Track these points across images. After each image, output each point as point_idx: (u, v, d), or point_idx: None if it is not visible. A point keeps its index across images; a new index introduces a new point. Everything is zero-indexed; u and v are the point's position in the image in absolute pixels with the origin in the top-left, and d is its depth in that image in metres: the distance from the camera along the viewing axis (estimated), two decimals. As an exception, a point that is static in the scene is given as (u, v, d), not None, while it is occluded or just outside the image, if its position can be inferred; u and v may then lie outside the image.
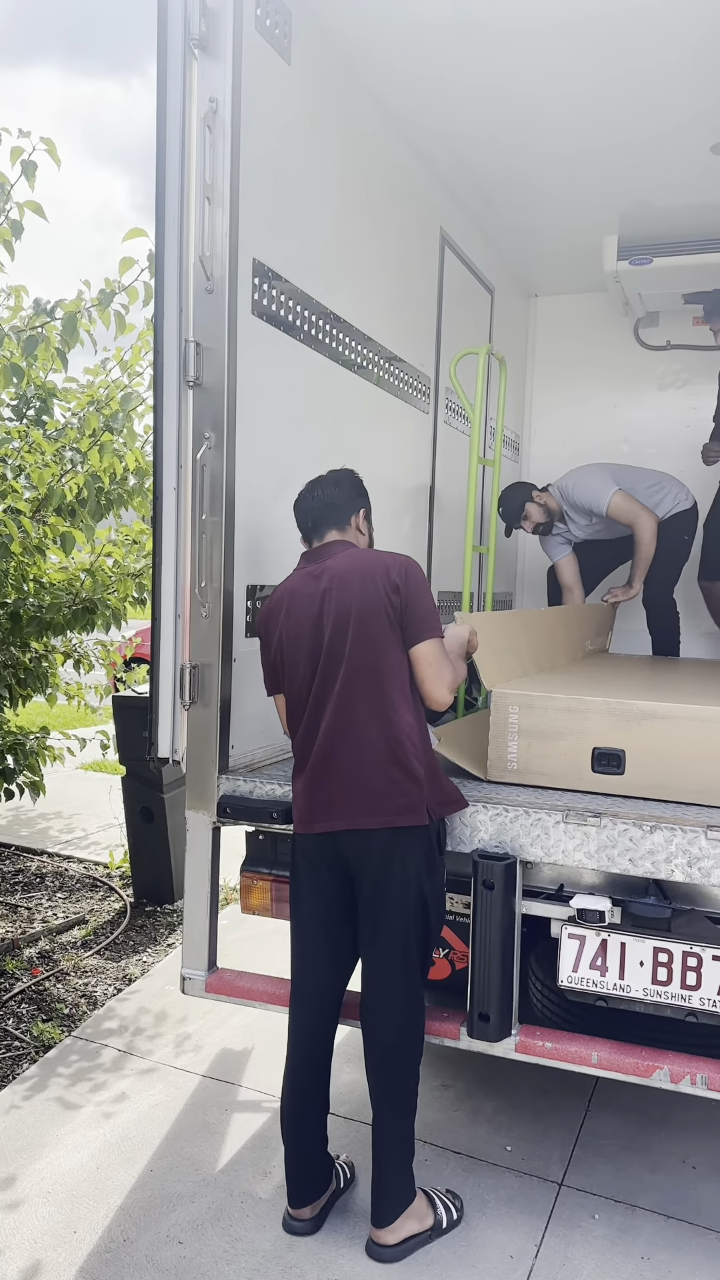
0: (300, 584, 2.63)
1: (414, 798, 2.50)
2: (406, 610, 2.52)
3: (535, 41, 3.33)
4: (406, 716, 2.53)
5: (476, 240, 5.02)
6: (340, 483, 2.77)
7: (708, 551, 5.14)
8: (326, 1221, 2.72)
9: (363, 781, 2.50)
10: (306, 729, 2.59)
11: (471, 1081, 3.50)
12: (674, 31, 3.24)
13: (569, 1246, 2.68)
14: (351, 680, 2.51)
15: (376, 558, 2.59)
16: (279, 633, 2.63)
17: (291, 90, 3.13)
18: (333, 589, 2.55)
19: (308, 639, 2.57)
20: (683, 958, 2.52)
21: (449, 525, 4.75)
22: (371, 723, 2.51)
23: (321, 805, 2.54)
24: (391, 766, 2.49)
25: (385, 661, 2.51)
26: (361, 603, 2.51)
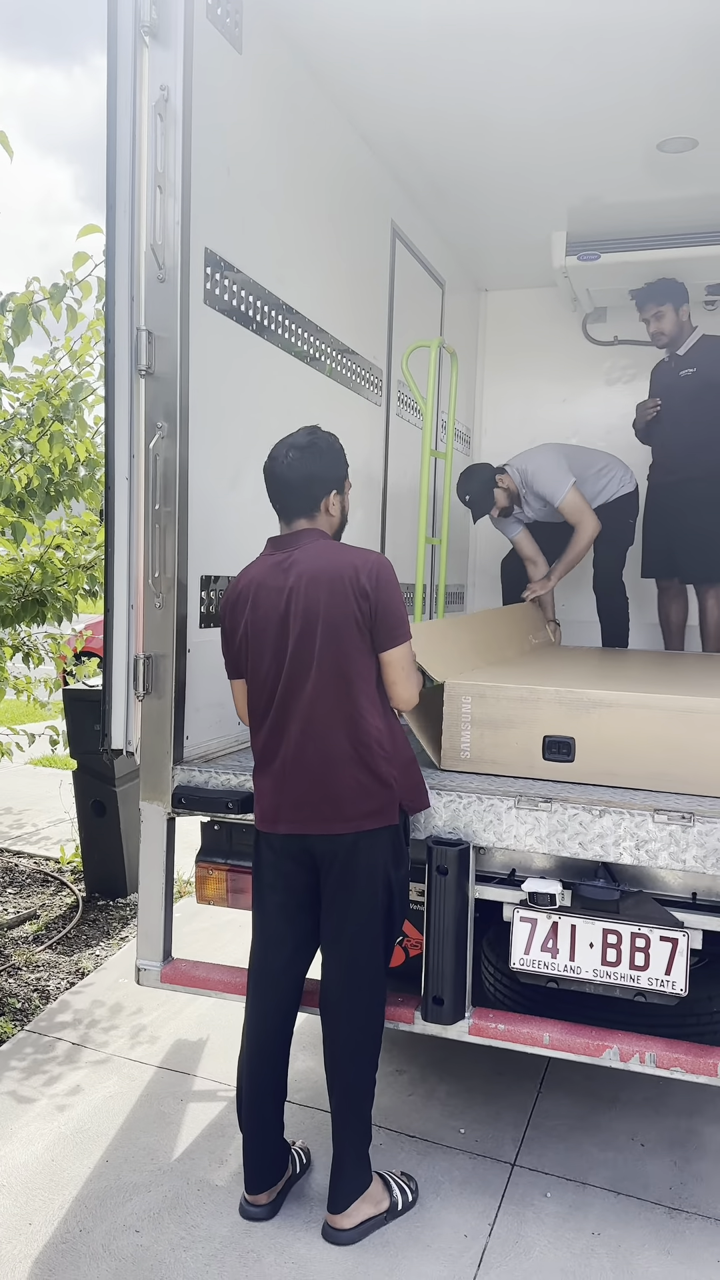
0: (267, 574, 2.56)
1: (383, 800, 2.52)
2: (377, 617, 2.49)
3: (486, 40, 3.36)
4: (375, 720, 2.54)
5: (427, 234, 5.05)
6: (315, 461, 2.60)
7: (650, 548, 5.24)
8: (283, 1207, 2.74)
9: (332, 789, 2.50)
10: (272, 728, 2.57)
11: (426, 1066, 3.54)
12: (619, 33, 3.29)
13: (522, 1224, 2.73)
14: (320, 685, 2.49)
15: (346, 558, 2.52)
16: (244, 625, 2.58)
17: (243, 79, 3.13)
18: (300, 588, 2.49)
19: (272, 636, 2.53)
20: (631, 939, 2.57)
21: (401, 517, 4.78)
22: (340, 728, 2.50)
23: (289, 808, 2.54)
24: (361, 772, 2.50)
25: (354, 667, 2.50)
26: (330, 607, 2.46)
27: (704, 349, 4.95)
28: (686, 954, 2.53)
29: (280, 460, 2.61)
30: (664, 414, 5.09)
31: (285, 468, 2.60)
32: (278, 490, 2.63)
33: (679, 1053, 2.53)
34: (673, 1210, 2.80)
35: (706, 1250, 2.64)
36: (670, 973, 2.54)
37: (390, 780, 2.53)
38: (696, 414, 4.93)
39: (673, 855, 2.51)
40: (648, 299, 4.96)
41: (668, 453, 5.10)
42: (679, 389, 5.00)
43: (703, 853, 2.49)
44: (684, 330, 4.99)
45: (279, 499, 2.64)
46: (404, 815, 2.61)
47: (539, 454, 5.04)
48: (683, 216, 4.76)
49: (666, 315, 4.93)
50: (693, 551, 5.01)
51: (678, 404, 5.01)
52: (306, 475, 2.59)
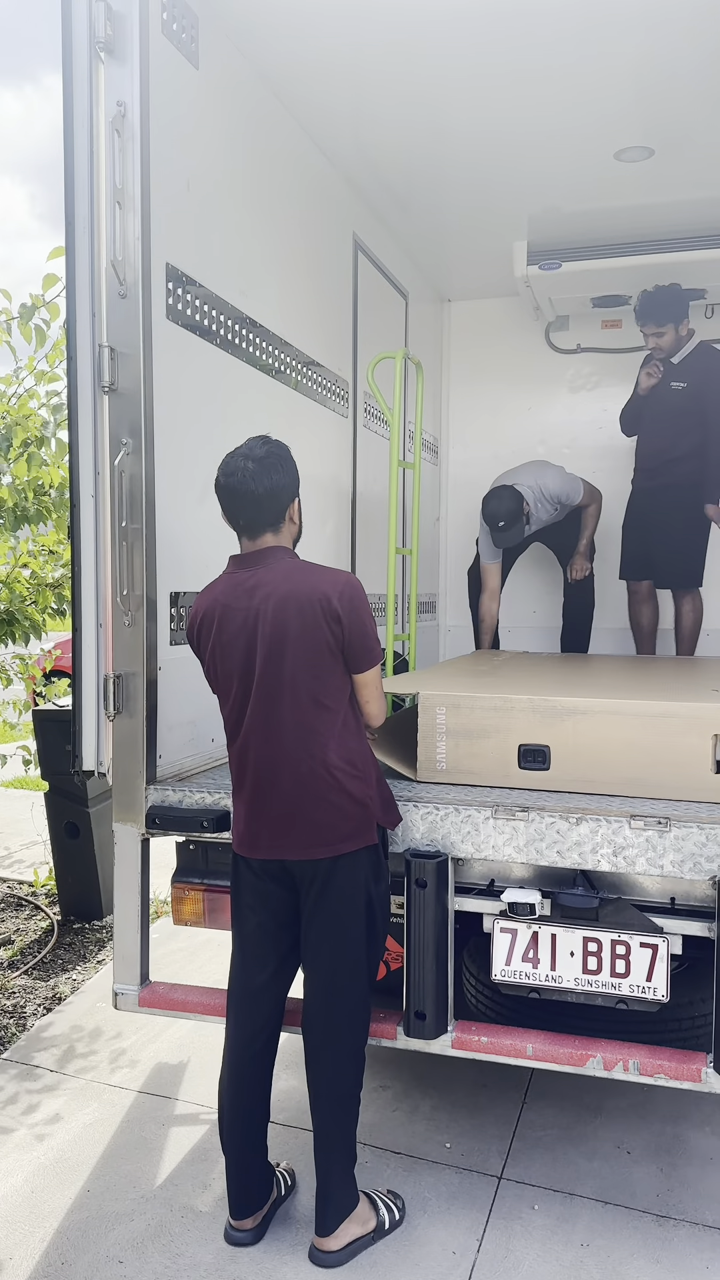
0: (231, 596, 2.50)
1: (359, 822, 2.50)
2: (349, 641, 2.46)
3: (445, 52, 3.38)
4: (349, 740, 2.51)
5: (389, 245, 5.06)
6: (278, 471, 2.52)
7: (629, 551, 5.30)
8: (269, 1230, 2.70)
9: (308, 813, 2.47)
10: (241, 752, 2.53)
11: (409, 1081, 3.51)
12: (578, 43, 3.31)
13: (510, 1239, 2.70)
14: (290, 710, 2.45)
15: (315, 580, 2.45)
16: (210, 647, 2.53)
17: (201, 95, 3.12)
18: (267, 611, 2.43)
19: (239, 661, 2.48)
20: (611, 946, 2.57)
21: (371, 528, 4.78)
22: (314, 751, 2.46)
23: (266, 833, 2.51)
24: (338, 795, 2.47)
25: (326, 690, 2.47)
26: (301, 632, 2.42)
27: (698, 360, 4.98)
28: (667, 960, 2.52)
29: (239, 474, 2.49)
30: (650, 420, 5.14)
31: (248, 481, 2.48)
32: (241, 506, 2.51)
33: (662, 1059, 2.52)
34: (661, 1218, 2.79)
35: (695, 1257, 2.63)
36: (651, 979, 2.54)
37: (367, 800, 2.51)
38: (681, 427, 4.99)
39: (650, 861, 2.51)
40: (649, 317, 4.95)
41: (650, 459, 5.16)
42: (669, 399, 5.03)
43: (680, 857, 2.49)
44: (682, 342, 5.02)
45: (243, 515, 2.52)
46: (382, 832, 2.59)
47: (537, 469, 5.16)
48: (641, 225, 4.81)
49: (667, 334, 4.96)
50: (669, 557, 5.09)
51: (665, 413, 5.06)
52: (271, 487, 2.50)
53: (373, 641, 2.52)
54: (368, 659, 2.51)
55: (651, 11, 3.15)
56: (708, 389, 4.91)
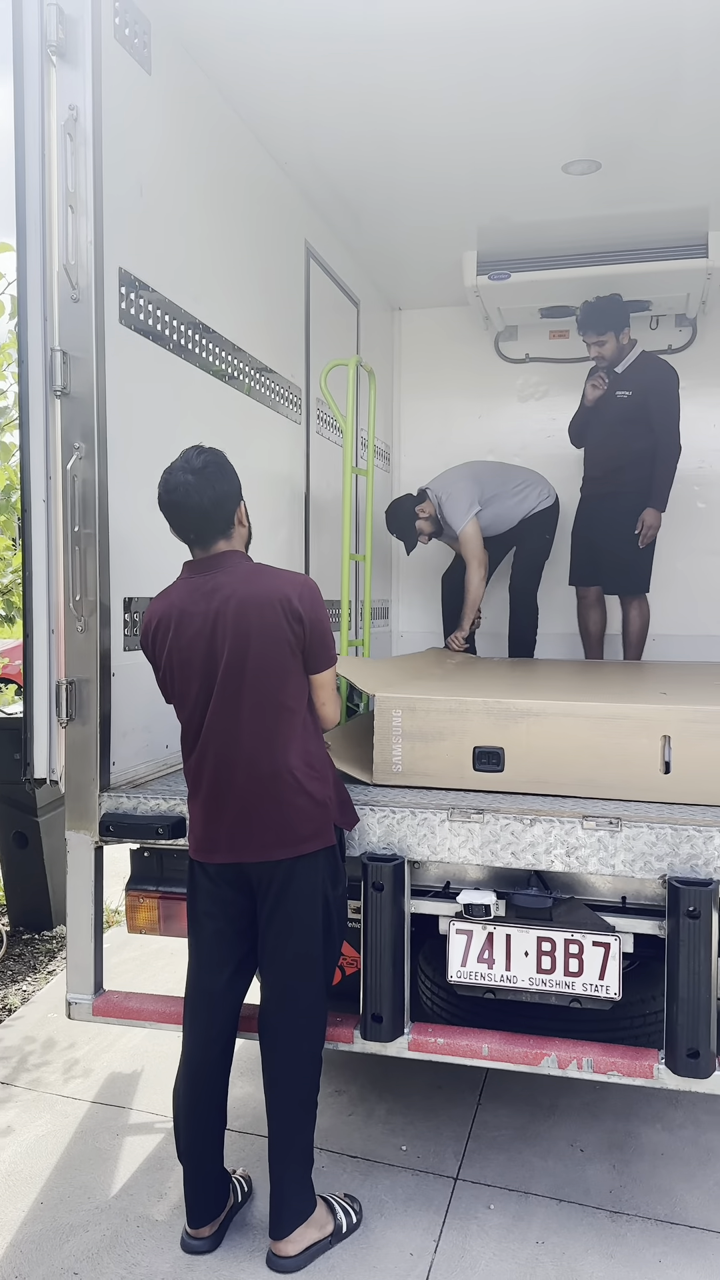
0: (188, 600, 2.49)
1: (320, 823, 2.51)
2: (310, 640, 2.48)
3: (396, 61, 3.41)
4: (309, 742, 2.53)
5: (340, 254, 5.09)
6: (220, 479, 2.52)
7: (577, 557, 5.37)
8: (226, 1238, 2.69)
9: (267, 814, 2.47)
10: (200, 756, 2.53)
11: (365, 1085, 3.52)
12: (527, 58, 3.37)
13: (466, 1238, 2.72)
14: (251, 711, 2.46)
15: (274, 581, 2.48)
16: (168, 652, 2.51)
17: (153, 100, 3.12)
18: (227, 612, 2.44)
19: (200, 663, 2.47)
20: (565, 945, 2.60)
21: (325, 534, 4.79)
22: (273, 752, 2.47)
23: (224, 837, 2.51)
24: (298, 795, 2.48)
25: (286, 691, 2.48)
26: (261, 631, 2.43)
27: (640, 370, 5.07)
28: (619, 958, 2.56)
29: (181, 489, 2.48)
30: (597, 430, 5.22)
31: (192, 494, 2.48)
32: (189, 519, 2.51)
33: (615, 1056, 2.56)
34: (614, 1214, 2.83)
35: (648, 1250, 2.67)
36: (604, 977, 2.58)
37: (326, 800, 2.53)
38: (626, 435, 5.07)
39: (602, 861, 2.55)
40: (589, 327, 5.05)
41: (596, 467, 5.25)
42: (614, 409, 5.12)
43: (630, 857, 2.53)
44: (623, 351, 5.11)
45: (192, 527, 2.52)
46: (340, 834, 2.61)
47: (453, 478, 5.19)
48: (588, 237, 4.89)
49: (608, 343, 5.06)
50: (616, 564, 5.17)
51: (611, 422, 5.14)
52: (216, 496, 2.50)
53: (331, 642, 2.55)
54: (325, 659, 2.54)
55: (599, 29, 3.22)
56: (650, 397, 5.01)
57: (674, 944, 2.47)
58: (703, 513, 5.68)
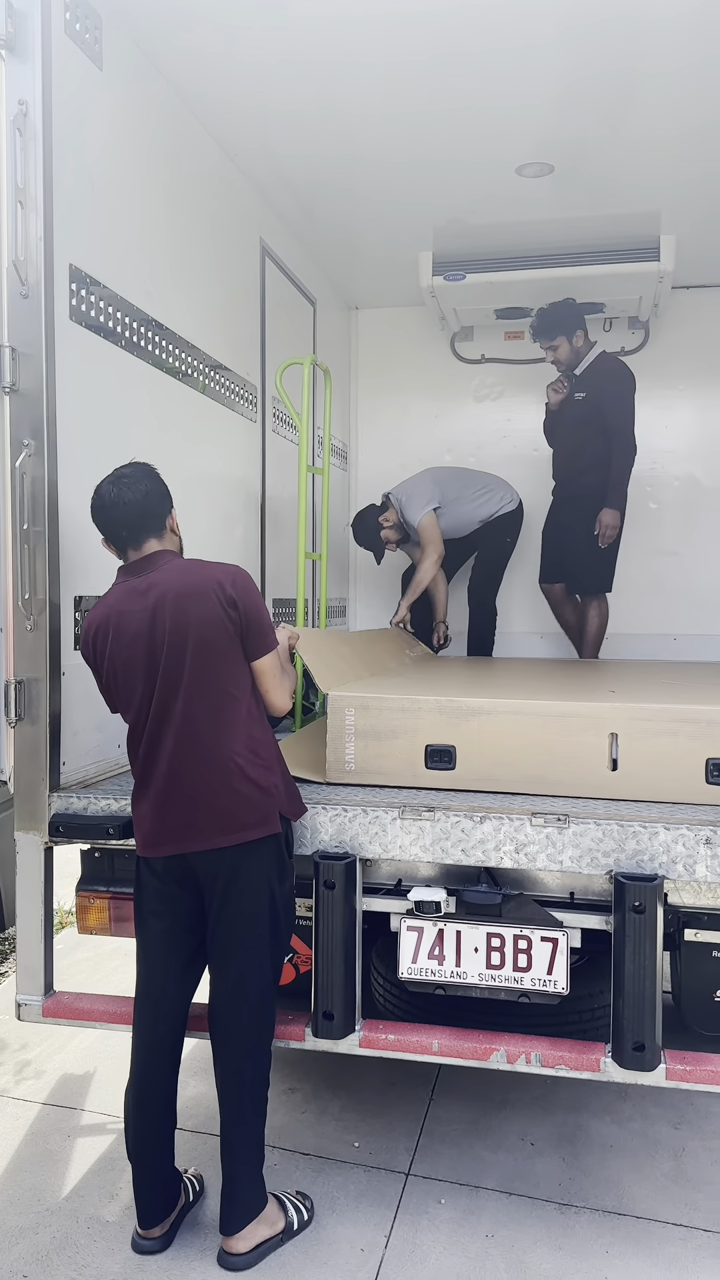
0: (125, 601, 2.51)
1: (265, 810, 2.51)
2: (247, 626, 2.50)
3: (351, 63, 3.42)
4: (254, 730, 2.54)
5: (297, 252, 5.09)
6: (148, 480, 2.59)
7: (545, 557, 5.45)
8: (177, 1237, 2.68)
9: (212, 802, 2.48)
10: (147, 751, 2.53)
11: (318, 1082, 3.53)
12: (484, 60, 3.39)
13: (417, 1233, 2.74)
14: (194, 700, 2.47)
15: (207, 571, 2.52)
16: (109, 655, 2.52)
17: (105, 95, 3.10)
18: (164, 606, 2.46)
19: (142, 660, 2.48)
20: (514, 941, 2.63)
21: (281, 533, 4.79)
22: (218, 741, 2.48)
23: (170, 829, 2.50)
24: (242, 782, 2.49)
25: (228, 678, 2.50)
26: (199, 622, 2.45)
27: (596, 372, 5.13)
28: (567, 953, 2.60)
29: (110, 492, 2.55)
30: (560, 432, 5.32)
31: (123, 491, 2.54)
32: (120, 518, 2.55)
33: (563, 1051, 2.60)
34: (563, 1206, 2.87)
35: (595, 1241, 2.71)
36: (552, 972, 2.61)
37: (271, 788, 2.53)
38: (584, 436, 5.15)
39: (550, 857, 2.58)
40: (541, 333, 5.14)
41: (560, 470, 5.35)
42: (573, 411, 5.20)
43: (578, 853, 2.56)
44: (579, 353, 5.17)
45: (123, 526, 2.56)
46: (287, 825, 2.61)
47: (413, 481, 5.28)
48: (542, 239, 4.92)
49: (561, 346, 5.14)
50: (578, 564, 5.26)
51: (571, 424, 5.22)
52: (144, 492, 2.56)
53: (268, 627, 2.57)
54: (264, 644, 2.55)
55: (554, 33, 3.24)
56: (604, 397, 5.07)
57: (620, 939, 2.51)
58: (655, 513, 5.76)
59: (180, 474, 3.63)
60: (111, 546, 2.63)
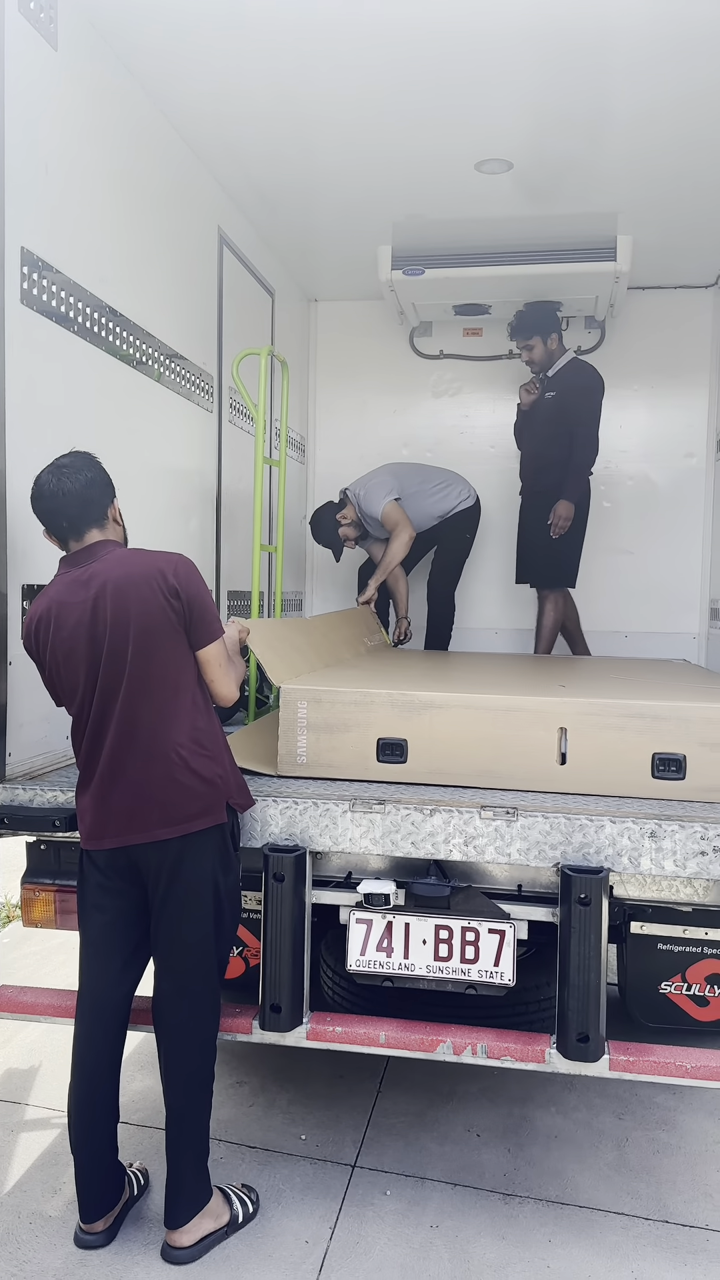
0: (66, 592, 2.48)
1: (209, 801, 2.49)
2: (191, 615, 2.47)
3: (312, 51, 3.40)
4: (198, 720, 2.51)
5: (255, 243, 5.06)
6: (89, 469, 2.55)
7: (518, 557, 5.51)
8: (120, 1232, 2.66)
9: (155, 793, 2.45)
10: (90, 742, 2.50)
11: (266, 1076, 3.52)
12: (446, 56, 3.39)
13: (362, 1225, 2.75)
14: (137, 691, 2.44)
15: (149, 560, 2.49)
16: (50, 647, 2.49)
17: (60, 77, 3.05)
18: (106, 596, 2.43)
19: (84, 651, 2.45)
20: (462, 933, 2.64)
21: (236, 525, 4.76)
22: (161, 732, 2.46)
23: (113, 820, 2.48)
24: (184, 774, 2.47)
25: (172, 668, 2.47)
26: (141, 611, 2.42)
27: (567, 374, 5.24)
28: (514, 945, 2.62)
29: (50, 482, 2.51)
30: (529, 431, 5.40)
31: (63, 481, 2.50)
32: (60, 507, 2.51)
33: (509, 1042, 2.61)
34: (507, 1196, 2.89)
35: (538, 1231, 2.73)
36: (499, 964, 2.63)
37: (215, 778, 2.51)
38: (549, 434, 5.24)
39: (498, 849, 2.60)
40: (517, 333, 5.27)
41: (528, 468, 5.44)
42: (543, 410, 5.29)
43: (526, 845, 2.58)
44: (553, 355, 5.28)
45: (64, 515, 2.52)
46: (233, 817, 2.60)
47: (371, 477, 5.28)
48: (500, 236, 4.93)
49: (536, 346, 5.24)
50: (538, 558, 5.32)
51: (539, 423, 5.31)
52: (86, 481, 2.53)
53: (213, 615, 2.54)
54: (208, 633, 2.53)
55: (517, 33, 3.25)
56: (569, 398, 5.15)
57: (565, 931, 2.53)
58: (608, 512, 5.82)
59: (135, 464, 3.60)
60: (53, 537, 2.59)
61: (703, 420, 5.80)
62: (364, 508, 5.20)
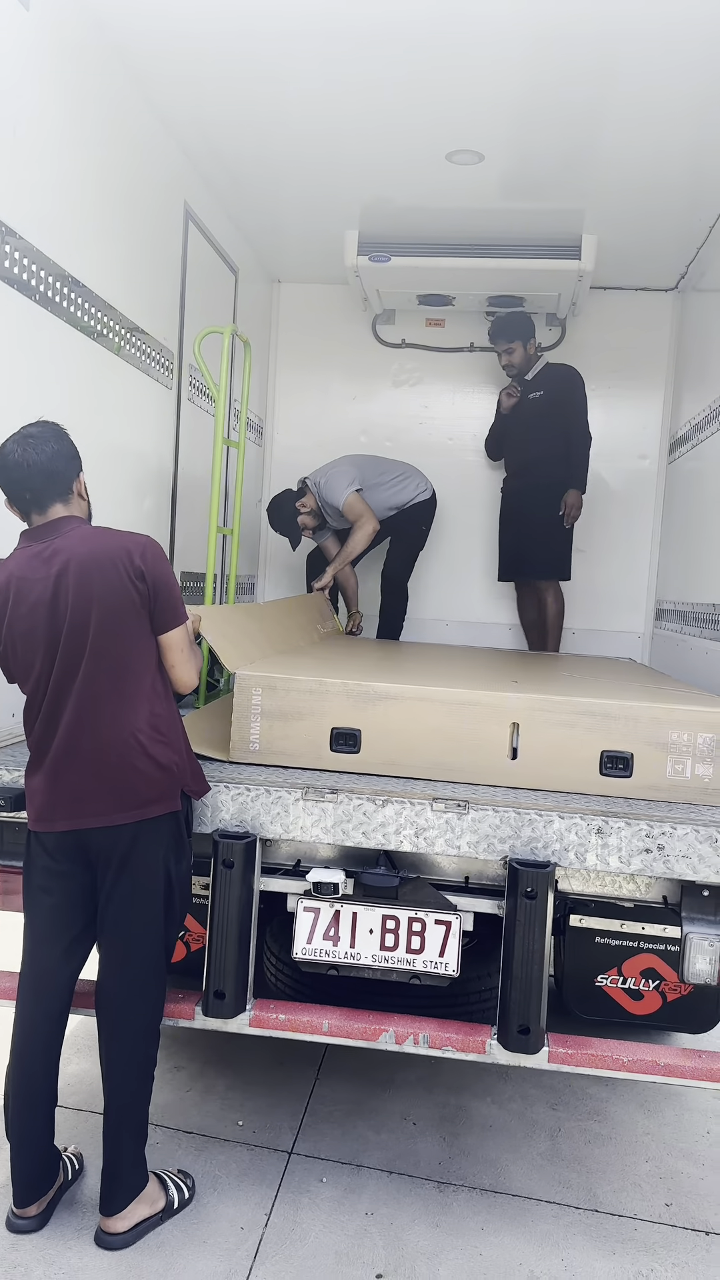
0: (27, 568, 2.42)
1: (164, 787, 2.47)
2: (155, 599, 2.43)
3: (287, 33, 3.36)
4: (156, 705, 2.48)
5: (221, 220, 4.99)
6: (56, 441, 2.48)
7: (502, 554, 5.62)
8: (54, 1216, 2.63)
9: (111, 777, 2.42)
10: (45, 722, 2.46)
11: (205, 1062, 3.51)
12: (422, 44, 3.37)
13: (298, 1211, 2.75)
14: (95, 673, 2.40)
15: (115, 540, 2.45)
16: (7, 623, 2.43)
17: (30, 38, 2.97)
18: (68, 574, 2.38)
19: (43, 628, 2.40)
20: (408, 923, 2.65)
21: (192, 505, 4.71)
22: (118, 716, 2.42)
23: (65, 803, 2.43)
24: (141, 759, 2.43)
25: (133, 652, 2.43)
26: (104, 592, 2.37)
27: (548, 375, 5.42)
28: (459, 936, 2.63)
29: (15, 452, 2.43)
30: (514, 430, 5.52)
31: (29, 452, 2.42)
32: (24, 478, 2.43)
33: (450, 1032, 2.63)
34: (442, 1184, 2.92)
35: (472, 1219, 2.76)
36: (444, 955, 2.64)
37: (171, 765, 2.48)
38: (542, 430, 5.36)
39: (449, 842, 2.61)
40: (499, 335, 5.39)
41: (518, 464, 5.54)
42: (529, 408, 5.43)
43: (475, 839, 2.60)
44: (531, 360, 5.43)
45: (27, 488, 2.44)
46: (187, 803, 2.57)
47: (331, 466, 5.29)
48: (470, 227, 4.93)
49: (517, 350, 5.39)
50: (536, 549, 5.43)
51: (526, 420, 5.44)
52: (52, 453, 2.45)
53: (177, 600, 2.51)
54: (173, 618, 2.49)
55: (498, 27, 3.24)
56: (562, 395, 5.34)
57: (511, 923, 2.55)
58: (562, 509, 5.86)
59: (90, 437, 3.51)
60: (14, 509, 2.53)
61: (656, 422, 5.88)
62: (325, 497, 5.18)
